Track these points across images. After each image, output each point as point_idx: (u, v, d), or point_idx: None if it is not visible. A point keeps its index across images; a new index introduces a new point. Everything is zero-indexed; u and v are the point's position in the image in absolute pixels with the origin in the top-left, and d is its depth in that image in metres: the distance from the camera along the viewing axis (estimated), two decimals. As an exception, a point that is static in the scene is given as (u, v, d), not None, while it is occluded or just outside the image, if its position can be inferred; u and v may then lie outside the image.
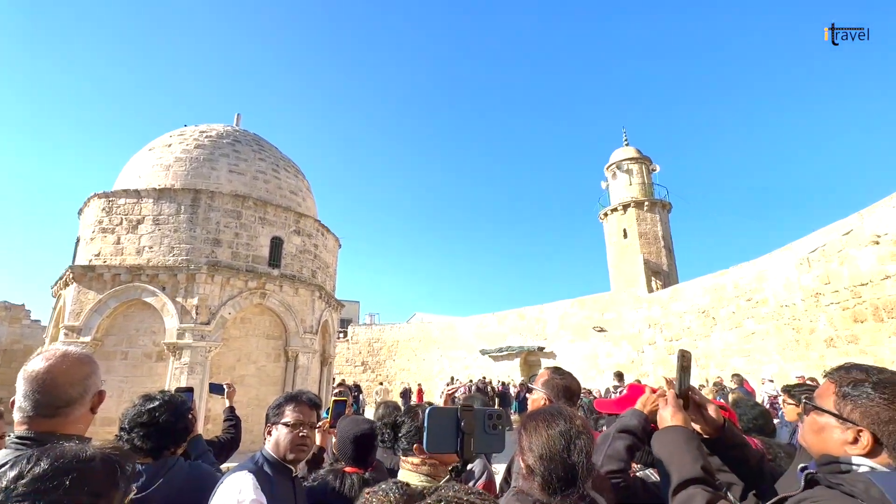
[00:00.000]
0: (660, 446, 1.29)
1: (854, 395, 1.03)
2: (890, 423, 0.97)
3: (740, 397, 2.91)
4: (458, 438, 1.10)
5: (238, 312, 11.77)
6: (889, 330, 9.44)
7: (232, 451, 3.13)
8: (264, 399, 11.55)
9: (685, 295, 17.25)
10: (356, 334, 30.74)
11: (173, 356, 10.80)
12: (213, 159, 13.22)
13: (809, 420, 1.14)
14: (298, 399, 2.03)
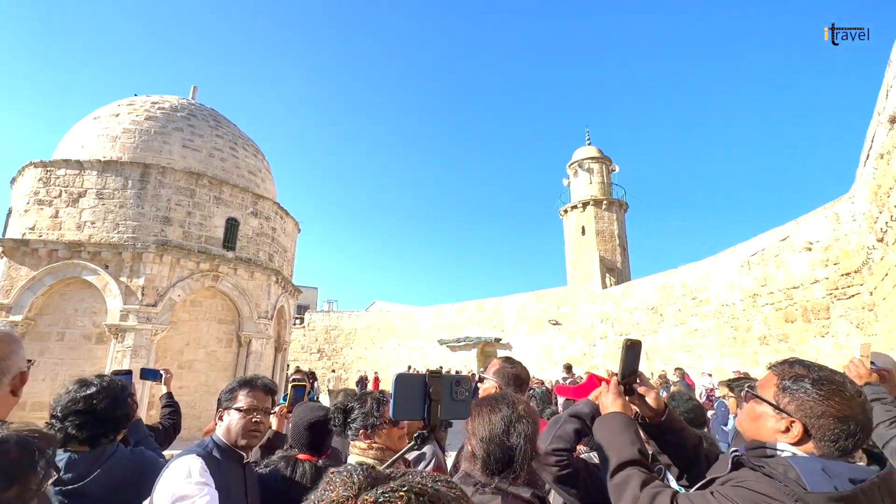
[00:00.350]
0: (600, 431, 1.37)
1: (793, 388, 1.11)
2: (821, 418, 1.05)
3: (678, 391, 3.10)
4: (426, 405, 1.11)
5: (188, 295, 11.29)
6: (814, 330, 10.24)
7: (173, 438, 3.02)
8: (214, 385, 11.19)
9: (636, 292, 18.00)
10: (313, 321, 30.19)
11: (115, 339, 10.25)
12: (165, 133, 12.52)
13: (749, 407, 1.22)
14: (253, 384, 1.98)
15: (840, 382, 1.09)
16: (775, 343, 11.46)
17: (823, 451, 1.05)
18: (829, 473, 0.98)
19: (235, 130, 14.53)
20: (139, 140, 12.19)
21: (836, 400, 1.06)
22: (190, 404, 11.00)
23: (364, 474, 0.58)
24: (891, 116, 5.22)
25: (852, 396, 1.07)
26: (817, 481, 0.97)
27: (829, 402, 1.05)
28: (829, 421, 1.05)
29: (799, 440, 1.07)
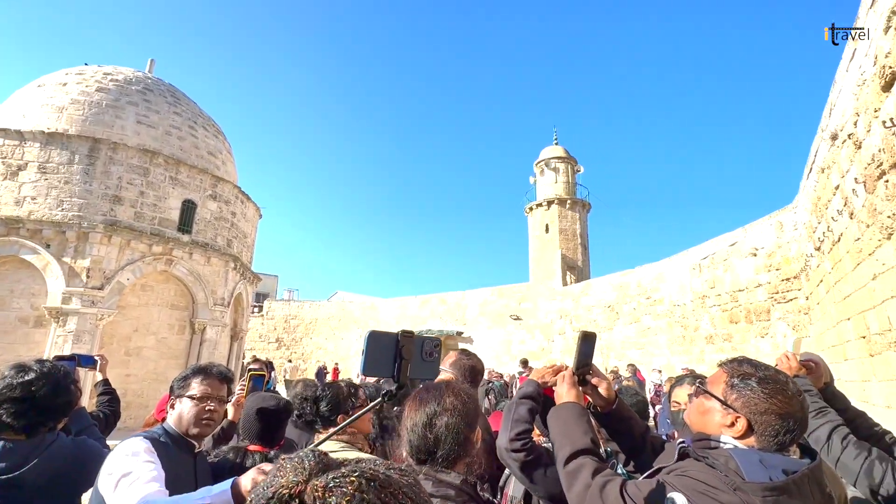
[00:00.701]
0: (555, 420, 1.42)
1: (740, 386, 1.18)
2: (764, 415, 1.13)
3: (626, 386, 3.25)
4: (396, 363, 1.11)
5: (139, 279, 10.76)
6: (756, 331, 10.90)
7: (113, 427, 2.87)
8: (164, 373, 10.74)
9: (595, 290, 18.57)
10: (272, 310, 29.45)
11: (56, 322, 9.65)
12: (118, 107, 11.82)
13: (698, 402, 1.29)
14: (208, 372, 1.92)
15: (783, 382, 1.17)
16: (720, 342, 12.13)
17: (763, 445, 1.13)
18: (765, 465, 1.06)
19: (195, 109, 13.89)
20: (89, 113, 11.44)
21: (779, 398, 1.13)
22: (138, 393, 10.53)
23: (315, 460, 0.58)
24: (832, 133, 5.59)
25: (793, 395, 1.15)
26: (754, 472, 1.04)
27: (772, 401, 1.13)
28: (771, 417, 1.12)
29: (742, 434, 1.14)
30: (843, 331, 6.16)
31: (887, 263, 4.24)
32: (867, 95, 4.22)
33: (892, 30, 3.53)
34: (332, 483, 0.53)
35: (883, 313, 4.53)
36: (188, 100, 13.94)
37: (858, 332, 5.46)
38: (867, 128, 4.30)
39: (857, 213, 4.96)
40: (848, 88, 4.87)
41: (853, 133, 4.73)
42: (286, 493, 0.54)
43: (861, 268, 5.02)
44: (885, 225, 4.16)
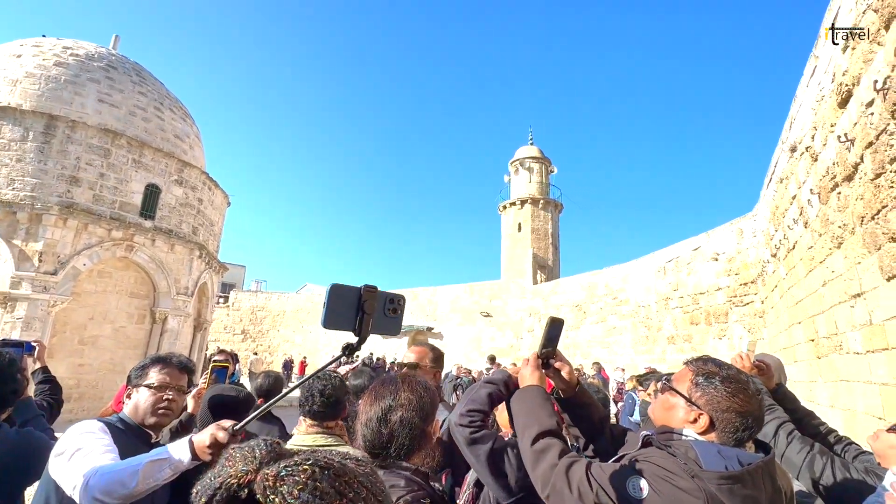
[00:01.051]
0: (520, 402, 1.44)
1: (705, 384, 1.23)
2: (726, 412, 1.18)
3: (589, 384, 3.32)
4: (358, 317, 1.09)
5: (96, 264, 10.28)
6: (714, 332, 11.35)
7: (55, 418, 2.71)
8: (120, 363, 10.33)
9: (564, 289, 18.92)
10: (239, 300, 28.72)
11: (3, 308, 9.13)
12: (78, 83, 11.22)
13: (663, 398, 1.34)
14: (167, 361, 1.85)
15: (745, 381, 1.24)
16: (681, 343, 12.57)
17: (722, 441, 1.19)
18: (722, 456, 1.12)
19: (162, 90, 13.34)
20: (45, 88, 10.83)
21: (740, 397, 1.19)
22: (92, 384, 10.10)
23: (267, 449, 0.56)
24: (791, 146, 5.86)
25: (753, 395, 1.22)
26: (712, 461, 1.10)
27: (734, 399, 1.19)
28: (731, 415, 1.18)
29: (704, 430, 1.20)
30: (794, 334, 6.48)
31: (836, 271, 4.48)
32: (825, 111, 4.43)
33: (850, 49, 3.72)
34: (284, 472, 0.51)
35: (831, 318, 4.79)
36: (154, 80, 13.38)
37: (808, 336, 5.76)
38: (823, 141, 4.52)
39: (811, 222, 5.22)
40: (807, 103, 5.10)
41: (810, 146, 4.97)
42: (234, 483, 0.51)
43: (812, 275, 5.29)
44: (835, 235, 4.40)
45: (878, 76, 3.18)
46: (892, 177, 3.17)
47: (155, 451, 1.36)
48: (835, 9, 4.14)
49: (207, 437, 1.29)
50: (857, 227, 3.87)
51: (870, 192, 3.54)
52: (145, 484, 1.30)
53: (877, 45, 3.23)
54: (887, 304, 3.45)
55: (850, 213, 4.00)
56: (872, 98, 3.31)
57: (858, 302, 4.01)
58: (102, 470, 1.34)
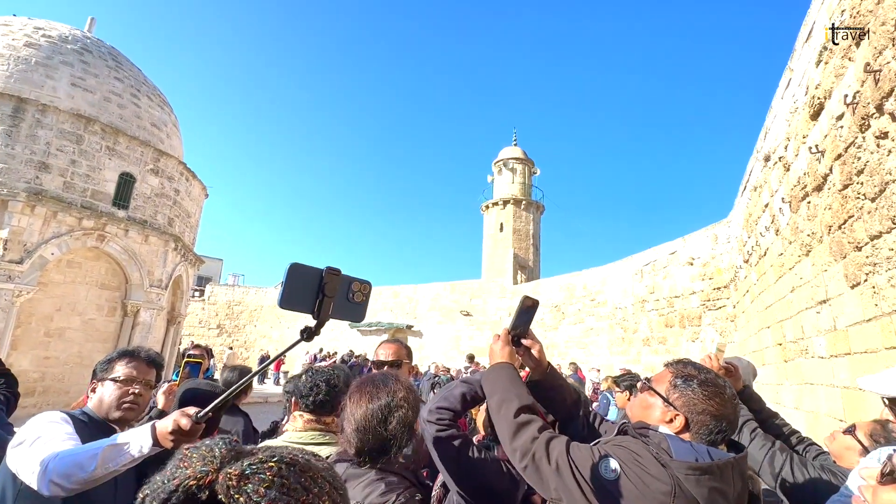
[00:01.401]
0: (494, 377, 1.42)
1: (683, 386, 1.26)
2: (701, 414, 1.22)
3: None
4: (317, 299, 1.04)
5: (65, 254, 9.94)
6: (687, 335, 11.63)
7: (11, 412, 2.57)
8: (89, 357, 10.02)
9: (544, 290, 19.11)
10: (215, 294, 28.15)
11: (-36, 297, 8.75)
12: (50, 66, 10.82)
13: (642, 397, 1.36)
14: (134, 354, 1.80)
15: (722, 386, 1.27)
16: (656, 344, 12.84)
17: (696, 441, 1.22)
18: (694, 449, 1.16)
19: (140, 76, 12.96)
20: (14, 69, 10.40)
21: (716, 401, 1.23)
22: (58, 377, 9.77)
23: (227, 447, 0.54)
24: (766, 155, 6.04)
25: (729, 399, 1.25)
26: (683, 453, 1.14)
27: (710, 402, 1.22)
28: (706, 417, 1.22)
29: (679, 431, 1.23)
30: (763, 338, 6.69)
31: (804, 278, 4.64)
32: (798, 122, 4.58)
33: (823, 64, 3.85)
34: (249, 470, 0.50)
35: (798, 323, 4.96)
36: (131, 65, 12.99)
37: (776, 340, 5.95)
38: (796, 152, 4.67)
39: (782, 230, 5.39)
40: (782, 115, 5.27)
41: (783, 156, 5.13)
42: (193, 484, 0.49)
43: (782, 281, 5.47)
44: (804, 243, 4.55)
45: (849, 91, 3.30)
46: (858, 188, 3.29)
47: (116, 436, 1.33)
48: (810, 24, 4.28)
49: (170, 423, 1.25)
50: (825, 236, 4.01)
51: (837, 203, 3.67)
52: (104, 468, 1.26)
53: (848, 60, 3.36)
54: (851, 311, 3.59)
55: (818, 222, 4.14)
56: (843, 112, 3.43)
57: (824, 308, 4.16)
58: (62, 454, 1.30)
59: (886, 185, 2.88)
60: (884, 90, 2.80)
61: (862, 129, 3.16)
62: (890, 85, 2.73)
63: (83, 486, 1.27)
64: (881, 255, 3.03)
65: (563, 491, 1.14)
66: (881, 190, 2.95)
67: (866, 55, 3.01)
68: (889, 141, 2.82)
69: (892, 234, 2.87)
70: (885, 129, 2.83)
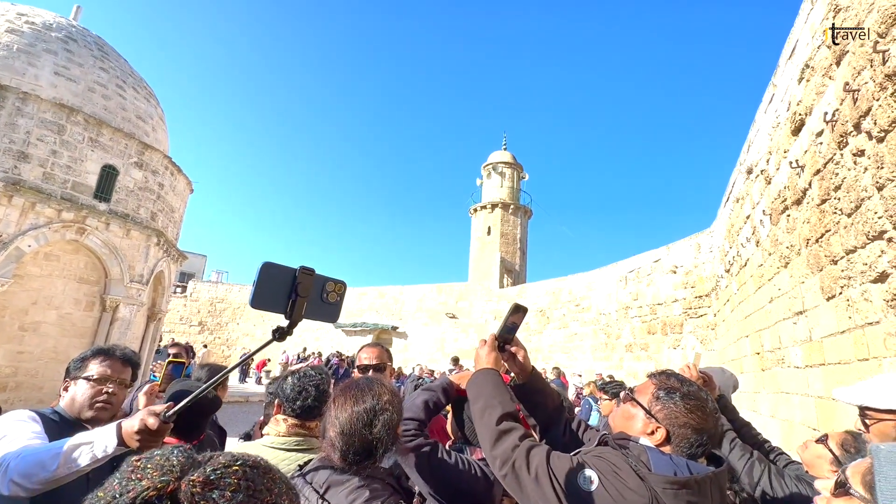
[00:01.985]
0: (479, 383, 1.43)
1: (665, 399, 1.27)
2: (682, 427, 1.22)
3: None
4: (290, 300, 1.02)
5: (43, 246, 9.69)
6: (669, 342, 11.80)
7: None
8: (64, 352, 9.78)
9: (530, 294, 19.22)
10: (197, 291, 27.72)
11: (-65, 288, 8.48)
12: (33, 53, 10.57)
13: (624, 408, 1.37)
14: (109, 353, 1.77)
15: (704, 399, 1.28)
16: (638, 351, 13.00)
17: (676, 454, 1.23)
18: (673, 462, 1.16)
19: (126, 67, 12.73)
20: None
21: (697, 415, 1.24)
22: (31, 373, 9.51)
23: (184, 455, 0.53)
24: (748, 168, 6.17)
25: (711, 413, 1.26)
26: (661, 467, 1.14)
27: (691, 416, 1.23)
28: (688, 431, 1.23)
29: (660, 443, 1.24)
30: (742, 347, 6.82)
31: (782, 289, 4.75)
32: (780, 137, 4.69)
33: (805, 81, 3.95)
34: (213, 475, 0.49)
35: (775, 333, 5.07)
36: (118, 56, 12.75)
37: (754, 349, 6.07)
38: (777, 166, 4.79)
39: (762, 241, 5.51)
40: (764, 129, 5.39)
41: (765, 169, 5.24)
42: (154, 494, 0.47)
43: (761, 291, 5.59)
44: (783, 255, 4.66)
45: (829, 108, 3.40)
46: (835, 203, 3.39)
47: (80, 435, 1.28)
48: (793, 42, 4.39)
49: (137, 422, 1.22)
50: (803, 249, 4.11)
51: (815, 217, 3.77)
52: (66, 468, 1.23)
53: (828, 78, 3.45)
54: (826, 323, 3.68)
55: (797, 235, 4.25)
56: (822, 128, 3.53)
57: (800, 319, 4.26)
58: (24, 453, 1.27)
59: (862, 202, 2.97)
60: (861, 109, 2.89)
61: (840, 147, 3.25)
62: (867, 104, 2.81)
63: (45, 487, 1.24)
64: (856, 270, 3.11)
65: (541, 500, 1.14)
66: (857, 206, 3.04)
67: (846, 75, 3.10)
68: (865, 159, 2.90)
69: (866, 249, 2.96)
70: (862, 147, 2.92)
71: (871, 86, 2.76)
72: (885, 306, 2.76)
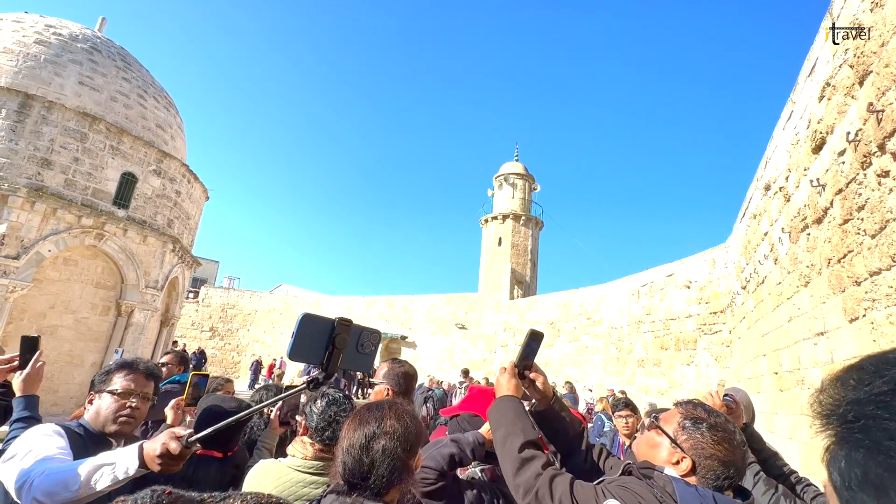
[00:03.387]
0: (500, 411, 1.44)
1: (691, 429, 1.25)
2: (709, 459, 1.20)
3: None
4: (327, 351, 1.03)
5: (62, 251, 9.90)
6: (683, 358, 11.60)
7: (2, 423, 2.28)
8: (80, 356, 9.92)
9: (540, 306, 19.09)
10: (209, 297, 28.00)
11: (-43, 291, 8.68)
12: (59, 63, 10.89)
13: (649, 435, 1.35)
14: (133, 366, 1.79)
15: (731, 431, 1.25)
16: (650, 367, 12.80)
17: (702, 486, 1.20)
18: (699, 494, 1.14)
19: (147, 77, 13.05)
20: (23, 65, 10.46)
21: (724, 446, 1.22)
22: (47, 376, 9.59)
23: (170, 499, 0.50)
24: (766, 184, 6.10)
25: (738, 445, 1.24)
26: (687, 497, 1.12)
27: (718, 447, 1.21)
28: (714, 462, 1.20)
29: (686, 474, 1.22)
30: (759, 365, 6.68)
31: (802, 308, 4.66)
32: (799, 154, 4.63)
33: (826, 99, 3.91)
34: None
35: (795, 353, 4.97)
36: (140, 66, 13.07)
37: (772, 369, 5.95)
38: (797, 184, 4.72)
39: (780, 259, 5.42)
40: (783, 146, 5.33)
41: (784, 187, 5.17)
42: None
43: (780, 310, 5.48)
44: (803, 274, 4.57)
45: (851, 128, 3.35)
46: (858, 224, 3.32)
47: (102, 455, 1.28)
48: (813, 59, 4.35)
49: (159, 445, 1.20)
50: (824, 269, 4.03)
51: (837, 237, 3.70)
52: (87, 489, 1.22)
53: (851, 98, 3.41)
54: (848, 345, 3.60)
55: (818, 254, 4.17)
56: (845, 148, 3.48)
57: (821, 340, 4.17)
58: (49, 470, 1.27)
59: (887, 223, 2.91)
60: (886, 130, 2.84)
61: (864, 167, 3.20)
62: (892, 125, 2.77)
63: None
64: (880, 292, 3.04)
65: None
66: (881, 227, 2.98)
67: (869, 94, 3.06)
68: (891, 180, 2.85)
69: (891, 271, 2.90)
70: (887, 168, 2.87)
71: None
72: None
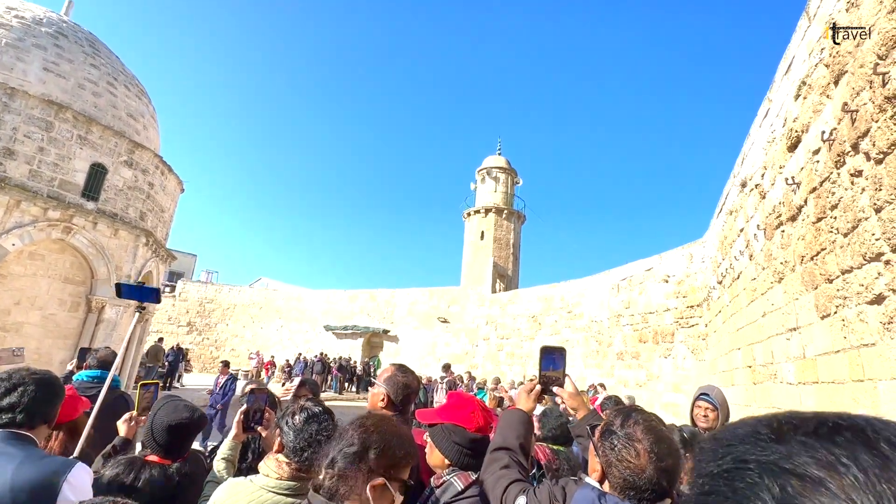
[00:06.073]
0: (507, 420, 1.64)
1: (605, 438, 1.31)
2: (612, 468, 1.25)
3: (549, 407, 3.23)
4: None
5: (27, 245, 9.49)
6: (660, 351, 11.82)
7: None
8: (47, 353, 9.58)
9: (522, 299, 19.21)
10: (186, 291, 27.37)
11: (-87, 287, 8.25)
12: (21, 48, 10.37)
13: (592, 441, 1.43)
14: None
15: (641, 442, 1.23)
16: (629, 359, 13.01)
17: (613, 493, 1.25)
18: (597, 499, 1.22)
19: (118, 64, 12.55)
20: (-18, 49, 9.93)
21: (627, 460, 1.22)
22: (12, 374, 9.28)
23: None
24: (742, 181, 6.19)
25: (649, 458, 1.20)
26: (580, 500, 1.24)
27: (623, 458, 1.23)
28: (616, 472, 1.24)
29: (600, 480, 1.32)
30: (733, 359, 6.82)
31: (776, 304, 4.75)
32: (775, 152, 4.70)
33: (801, 98, 3.96)
34: None
35: (768, 348, 5.07)
36: (109, 52, 12.56)
37: (746, 362, 6.07)
38: (772, 181, 4.79)
39: (755, 255, 5.51)
40: (759, 143, 5.40)
41: (760, 184, 5.25)
42: None
43: (754, 305, 5.59)
44: (777, 270, 4.66)
45: (826, 127, 3.39)
46: (832, 222, 3.38)
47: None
48: (789, 58, 4.40)
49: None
50: (798, 266, 4.11)
51: (811, 234, 3.77)
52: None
53: (826, 97, 3.45)
54: (820, 341, 3.67)
55: (791, 251, 4.24)
56: (819, 147, 3.53)
57: (794, 335, 4.25)
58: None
59: (859, 222, 2.96)
60: (860, 130, 2.88)
61: (837, 166, 3.24)
62: (866, 125, 2.80)
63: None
64: (851, 290, 3.10)
65: None
66: (854, 226, 3.03)
67: (844, 94, 3.10)
68: (863, 179, 2.89)
69: (863, 269, 2.95)
70: (860, 167, 2.91)
71: (871, 107, 2.75)
72: (882, 329, 2.75)
